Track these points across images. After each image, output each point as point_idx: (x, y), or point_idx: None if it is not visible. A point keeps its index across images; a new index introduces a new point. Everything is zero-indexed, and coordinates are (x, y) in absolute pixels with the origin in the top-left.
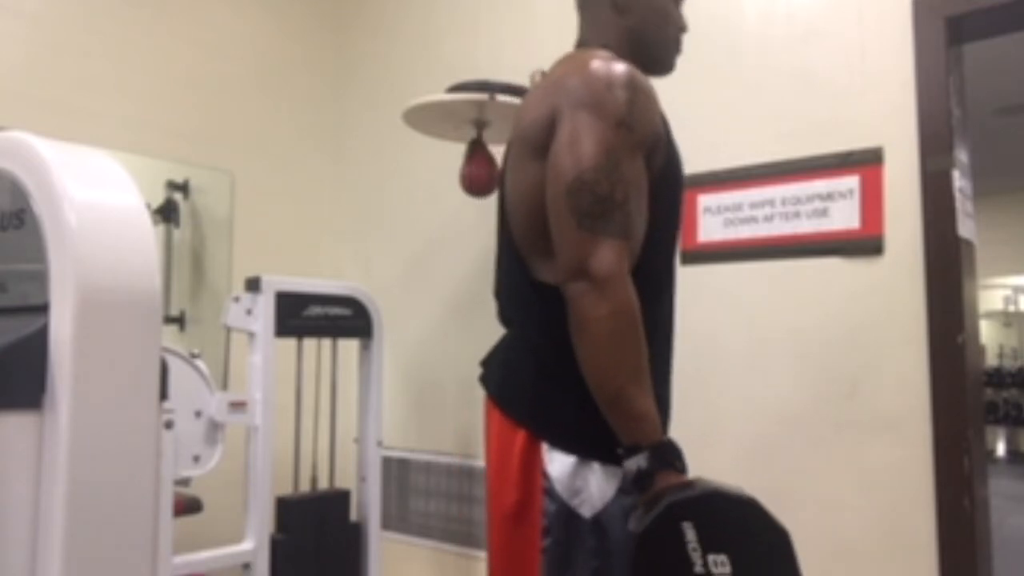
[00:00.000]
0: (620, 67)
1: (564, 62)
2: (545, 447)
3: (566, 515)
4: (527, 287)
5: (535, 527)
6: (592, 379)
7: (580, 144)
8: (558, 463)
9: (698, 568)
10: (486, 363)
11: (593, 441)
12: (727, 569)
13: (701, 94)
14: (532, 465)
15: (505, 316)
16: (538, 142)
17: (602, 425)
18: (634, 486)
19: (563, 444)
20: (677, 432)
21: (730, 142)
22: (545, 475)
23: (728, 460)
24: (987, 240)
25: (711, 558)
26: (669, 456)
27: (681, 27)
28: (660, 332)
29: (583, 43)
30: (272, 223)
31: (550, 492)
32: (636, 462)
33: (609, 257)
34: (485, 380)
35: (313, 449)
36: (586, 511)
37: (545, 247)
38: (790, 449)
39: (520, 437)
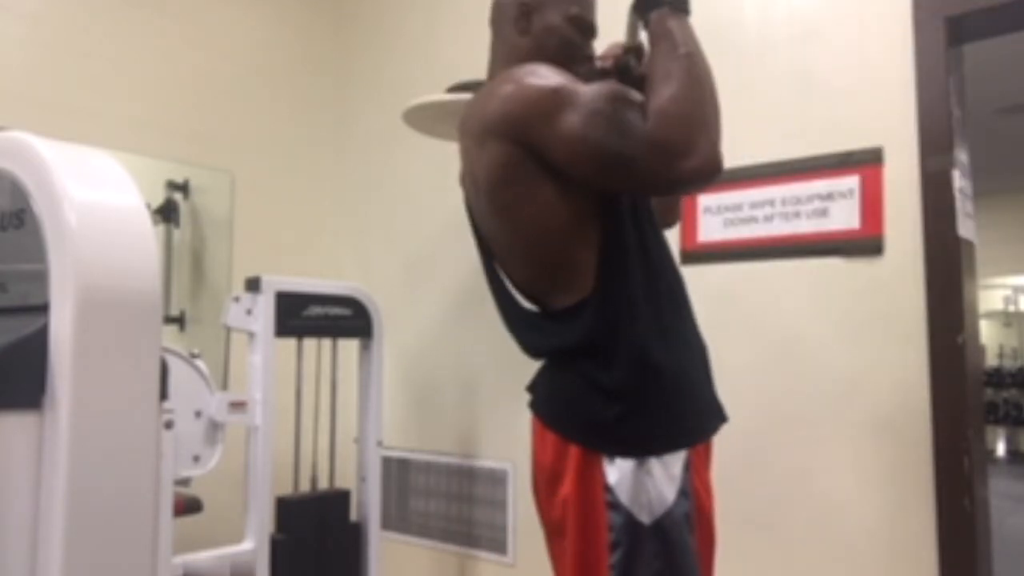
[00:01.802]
0: (510, 72)
1: (477, 108)
2: (604, 459)
3: (631, 525)
4: (548, 321)
5: (602, 543)
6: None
7: (568, 132)
8: (617, 472)
9: None
10: (532, 388)
11: (646, 438)
12: None
13: None
14: (592, 480)
15: (530, 349)
16: (503, 183)
17: (645, 417)
18: None
19: (618, 450)
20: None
21: (730, 142)
22: (608, 488)
23: (727, 460)
24: (987, 240)
25: None
26: None
27: (586, 56)
28: (663, 295)
29: (490, 63)
30: (272, 223)
31: (614, 504)
32: None
33: (646, 133)
34: (533, 405)
35: (313, 449)
36: (645, 518)
37: (558, 279)
38: (790, 449)
39: (573, 453)
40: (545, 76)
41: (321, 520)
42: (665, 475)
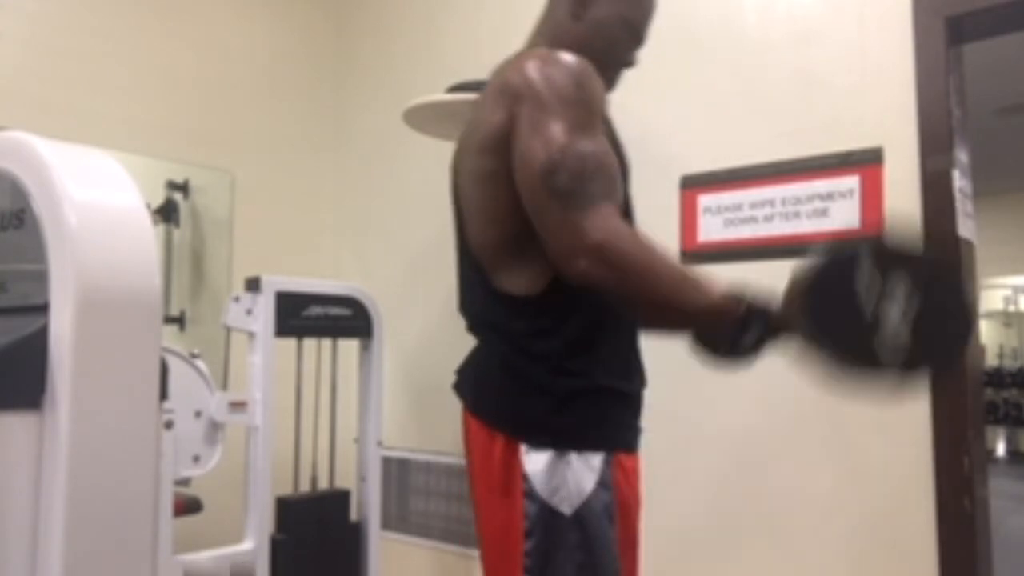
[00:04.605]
0: (563, 54)
1: (505, 66)
2: (522, 448)
3: (547, 514)
4: (491, 298)
5: (518, 531)
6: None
7: (542, 130)
8: (535, 462)
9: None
10: (460, 372)
11: (565, 432)
12: (905, 284)
13: (701, 94)
14: (512, 469)
15: (473, 328)
16: (493, 150)
17: (573, 416)
18: (760, 345)
19: (537, 440)
20: (674, 432)
21: (730, 142)
22: (524, 476)
23: (726, 460)
24: (987, 240)
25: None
26: (762, 310)
27: (627, 62)
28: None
29: (532, 33)
30: (272, 223)
31: (530, 493)
32: (750, 337)
33: (597, 224)
34: (459, 388)
35: (313, 449)
36: (566, 508)
37: (507, 258)
38: (789, 449)
39: (499, 442)
40: (583, 85)
41: (321, 520)
42: (584, 466)
